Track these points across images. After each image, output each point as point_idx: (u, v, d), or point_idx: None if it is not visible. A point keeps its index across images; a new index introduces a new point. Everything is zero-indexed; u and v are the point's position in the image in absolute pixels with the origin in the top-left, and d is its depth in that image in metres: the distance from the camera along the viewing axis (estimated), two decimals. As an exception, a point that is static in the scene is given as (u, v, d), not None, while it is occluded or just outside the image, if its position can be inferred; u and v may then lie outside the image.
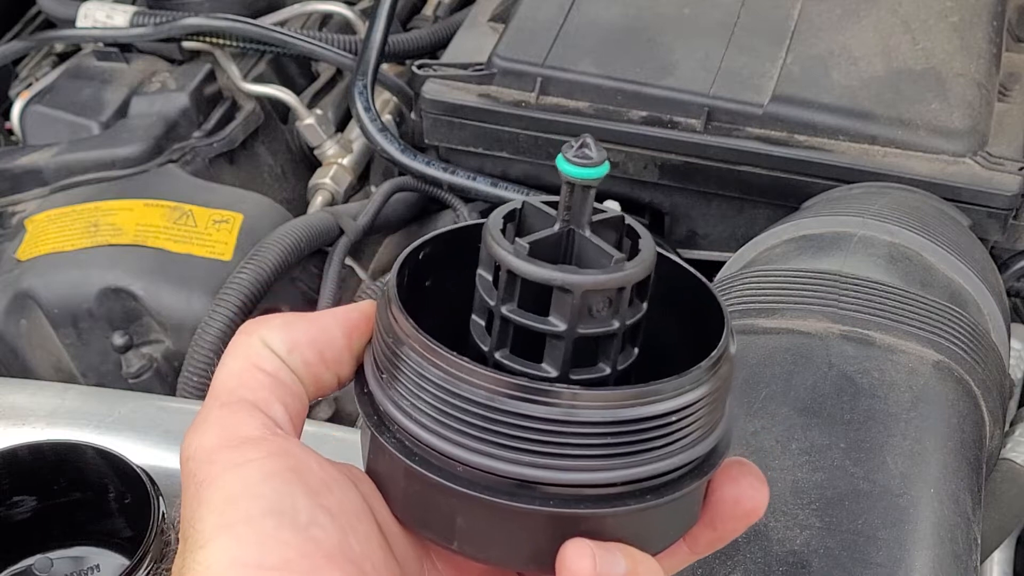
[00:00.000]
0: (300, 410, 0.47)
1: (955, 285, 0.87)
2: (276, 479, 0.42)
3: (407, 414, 0.44)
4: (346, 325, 0.48)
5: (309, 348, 0.47)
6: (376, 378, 0.46)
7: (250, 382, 0.46)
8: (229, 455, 0.43)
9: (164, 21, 1.31)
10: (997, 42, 1.14)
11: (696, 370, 0.44)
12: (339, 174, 1.32)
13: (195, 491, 0.43)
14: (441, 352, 0.42)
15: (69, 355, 1.16)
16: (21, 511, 0.82)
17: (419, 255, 0.48)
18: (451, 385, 0.42)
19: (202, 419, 0.46)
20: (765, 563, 0.65)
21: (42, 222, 1.18)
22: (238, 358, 0.47)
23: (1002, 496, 0.86)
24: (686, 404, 0.43)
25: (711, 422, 0.46)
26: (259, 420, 0.45)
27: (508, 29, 1.17)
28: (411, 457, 0.44)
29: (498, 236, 0.44)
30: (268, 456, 0.43)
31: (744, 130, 1.09)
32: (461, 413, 0.42)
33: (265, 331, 0.47)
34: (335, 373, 0.48)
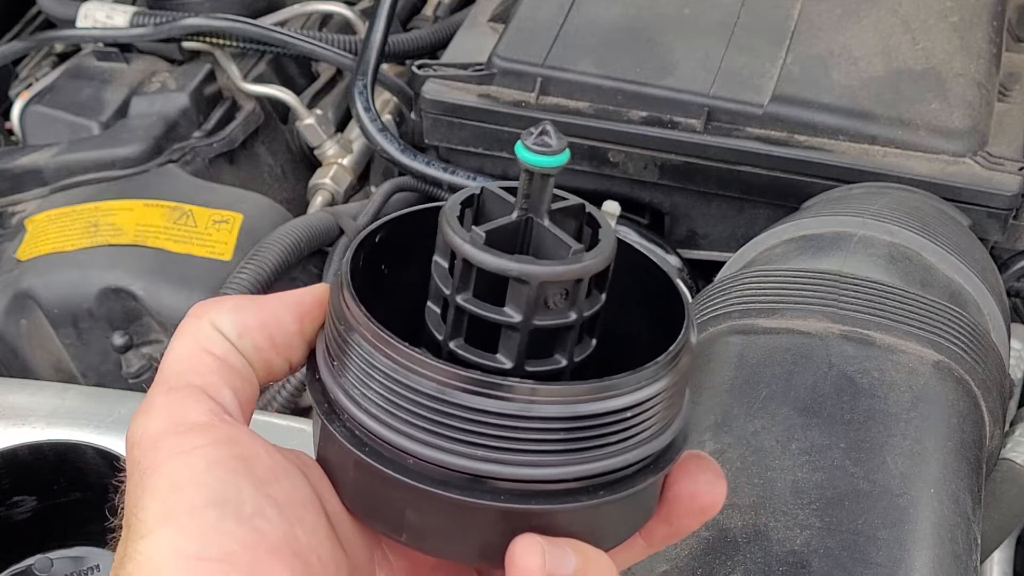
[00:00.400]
0: (250, 395, 0.46)
1: (955, 285, 0.87)
2: (221, 468, 0.41)
3: (357, 404, 0.43)
4: (298, 309, 0.47)
5: (259, 332, 0.46)
6: (327, 365, 0.45)
7: (199, 366, 0.45)
8: (174, 442, 0.42)
9: (164, 21, 1.31)
10: (997, 42, 1.14)
11: (653, 365, 0.43)
12: (339, 174, 1.32)
13: (139, 478, 0.42)
14: (392, 342, 0.41)
15: (69, 355, 1.16)
16: (21, 511, 0.82)
17: (375, 238, 0.47)
18: (402, 376, 0.41)
19: (148, 404, 0.45)
20: (765, 563, 0.65)
21: (42, 222, 1.18)
22: (187, 341, 0.46)
23: (1002, 496, 0.86)
24: (642, 400, 0.42)
25: (668, 417, 0.45)
26: (206, 406, 0.44)
27: (508, 29, 1.17)
28: (361, 448, 0.43)
29: (454, 223, 0.43)
30: (214, 443, 0.42)
31: (744, 130, 1.09)
32: (412, 405, 0.41)
33: (215, 314, 0.46)
34: (286, 358, 0.47)
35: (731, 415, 0.75)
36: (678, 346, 0.44)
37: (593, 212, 0.46)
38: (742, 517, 0.68)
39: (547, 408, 0.41)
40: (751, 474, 0.70)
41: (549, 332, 0.44)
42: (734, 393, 0.76)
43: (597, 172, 1.14)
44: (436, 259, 0.44)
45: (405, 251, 0.48)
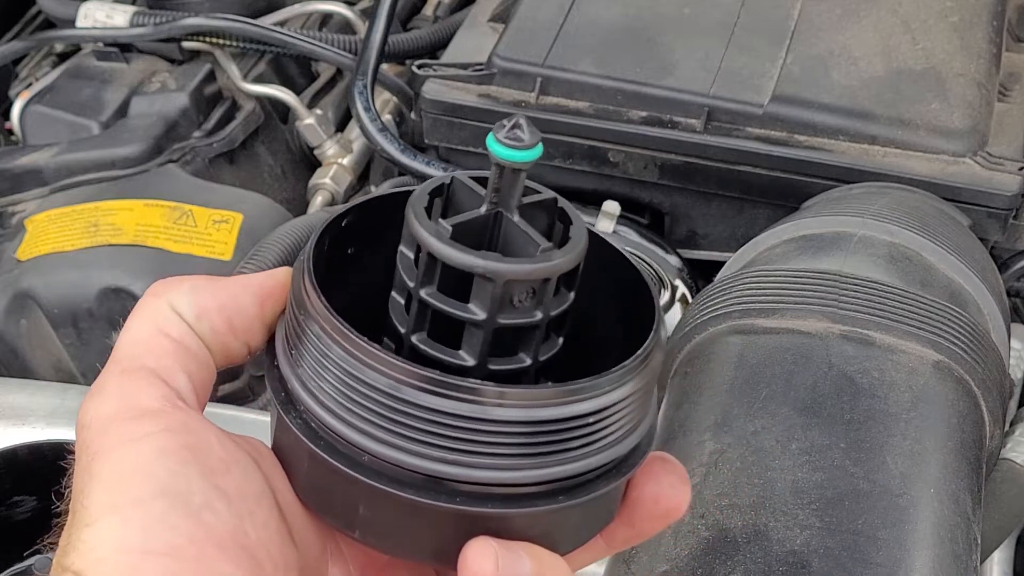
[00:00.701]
0: (206, 379, 0.45)
1: (955, 285, 0.87)
2: (171, 457, 0.40)
3: (314, 396, 0.42)
4: (259, 293, 0.46)
5: (218, 315, 0.45)
6: (286, 353, 0.44)
7: (154, 348, 0.44)
8: (125, 428, 0.41)
9: (164, 21, 1.31)
10: (997, 42, 1.14)
11: (619, 369, 0.41)
12: (339, 174, 1.32)
13: (87, 463, 0.41)
14: (351, 336, 0.40)
15: (69, 355, 1.16)
16: (21, 511, 0.82)
17: (342, 222, 0.46)
18: (359, 372, 0.40)
19: (101, 386, 0.44)
20: (765, 563, 0.65)
21: (42, 222, 1.18)
22: (144, 322, 0.45)
23: (1002, 496, 0.86)
24: (607, 405, 0.41)
25: (634, 420, 0.43)
26: (160, 391, 0.43)
27: (508, 29, 1.17)
28: (316, 441, 0.42)
29: (421, 215, 0.42)
30: (165, 431, 0.41)
31: (744, 130, 1.09)
32: (368, 401, 0.40)
33: (174, 294, 0.45)
34: (244, 342, 0.46)
35: (731, 415, 0.75)
36: (646, 349, 0.43)
37: (565, 207, 0.45)
38: (742, 517, 0.68)
39: (507, 412, 0.40)
40: (751, 474, 0.70)
41: (514, 330, 0.43)
42: (734, 393, 0.76)
43: (597, 172, 1.14)
44: (402, 249, 0.43)
45: (374, 235, 0.47)
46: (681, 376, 0.82)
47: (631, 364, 0.42)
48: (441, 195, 0.44)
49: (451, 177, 0.44)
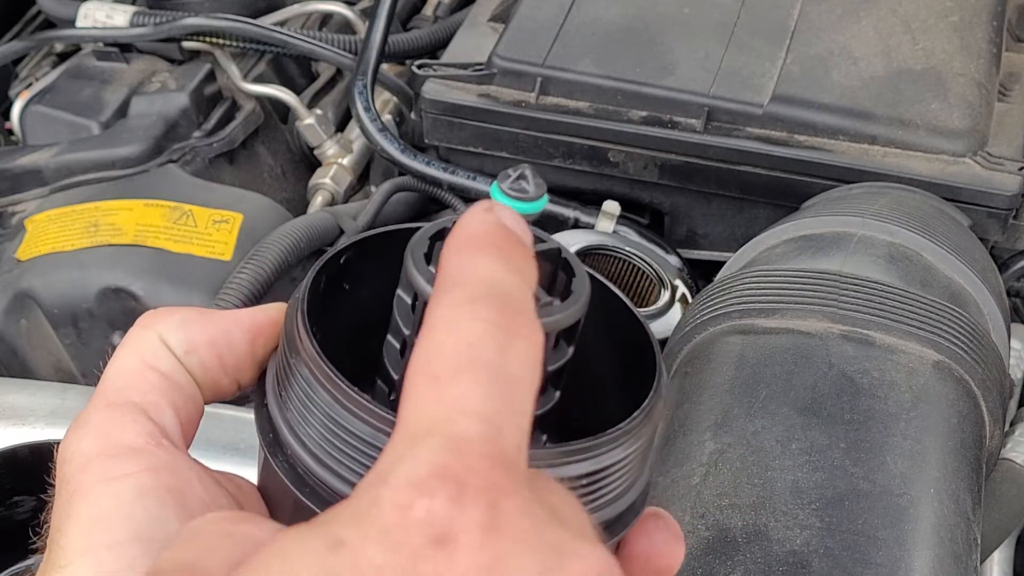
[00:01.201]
0: (193, 415, 0.44)
1: (955, 285, 0.87)
2: (150, 499, 0.39)
3: (301, 441, 0.41)
4: (251, 329, 0.44)
5: (208, 350, 0.44)
6: (275, 393, 0.43)
7: (141, 383, 0.43)
8: (105, 466, 0.40)
9: (164, 21, 1.31)
10: (997, 42, 1.14)
11: (615, 432, 0.40)
12: (339, 174, 1.32)
13: (66, 500, 0.40)
14: (341, 385, 0.39)
15: (69, 355, 1.16)
16: (21, 511, 0.82)
17: (340, 260, 0.45)
18: (348, 422, 0.39)
19: (84, 420, 0.42)
20: (765, 563, 0.65)
21: (42, 222, 1.18)
22: (131, 354, 0.44)
23: (1002, 496, 0.86)
24: (603, 467, 0.40)
25: (630, 480, 0.42)
26: (144, 427, 0.42)
27: (508, 29, 1.17)
28: (301, 488, 0.41)
29: (419, 262, 0.40)
30: (146, 471, 0.40)
31: (744, 130, 1.09)
32: (356, 452, 0.39)
33: (163, 327, 0.44)
34: (235, 379, 0.45)
35: (731, 415, 0.75)
36: (646, 408, 0.41)
37: (569, 258, 0.43)
38: (742, 517, 0.68)
39: None
40: (751, 474, 0.70)
41: None
42: (734, 393, 0.76)
43: (597, 172, 1.14)
44: (400, 293, 0.42)
45: (371, 272, 0.46)
46: (681, 376, 0.82)
47: (629, 425, 0.40)
48: (442, 239, 0.42)
49: (453, 221, 0.42)
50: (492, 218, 0.38)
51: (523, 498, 0.31)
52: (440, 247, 0.41)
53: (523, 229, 0.39)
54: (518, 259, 0.37)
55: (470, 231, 0.37)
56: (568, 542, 0.31)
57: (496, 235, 0.37)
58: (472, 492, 0.30)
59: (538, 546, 0.31)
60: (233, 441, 0.47)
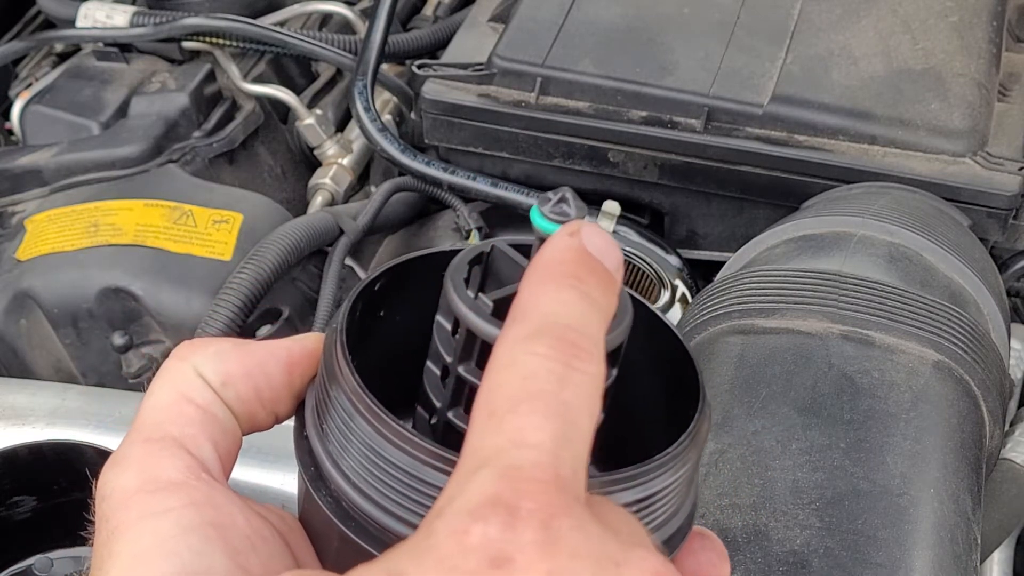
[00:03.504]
0: (231, 448, 0.43)
1: (955, 285, 0.87)
2: (194, 535, 0.39)
3: (345, 475, 0.40)
4: (287, 360, 0.44)
5: (244, 382, 0.43)
6: (315, 426, 0.42)
7: (178, 416, 0.42)
8: (146, 502, 0.39)
9: (164, 21, 1.31)
10: (997, 42, 1.14)
11: (664, 456, 0.40)
12: (339, 174, 1.32)
13: (107, 538, 0.39)
14: (385, 419, 0.39)
15: (69, 355, 1.16)
16: (21, 511, 0.83)
17: (375, 287, 0.45)
18: (393, 456, 0.39)
19: (123, 455, 0.42)
20: (765, 563, 0.65)
21: (42, 222, 1.18)
22: (168, 387, 0.43)
23: (1002, 496, 0.86)
24: (651, 493, 0.39)
25: (678, 503, 0.42)
26: (184, 461, 0.41)
27: (508, 29, 1.17)
28: (347, 522, 0.40)
29: (460, 288, 0.40)
30: (188, 506, 0.39)
31: (744, 130, 1.09)
32: (401, 486, 0.39)
33: (199, 359, 0.43)
34: (272, 411, 0.44)
35: (731, 415, 0.75)
36: (692, 431, 0.41)
37: None
38: (742, 517, 0.68)
39: None
40: (751, 474, 0.70)
41: None
42: (734, 393, 0.76)
43: (597, 172, 1.14)
44: (439, 319, 0.42)
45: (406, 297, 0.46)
46: (681, 376, 0.82)
47: (676, 450, 0.40)
48: (480, 263, 0.42)
49: (491, 246, 0.42)
50: (575, 243, 0.37)
51: (577, 517, 0.31)
52: (478, 272, 0.42)
53: (609, 251, 0.38)
54: (593, 287, 0.37)
55: (548, 259, 0.37)
56: (623, 551, 0.32)
57: (574, 263, 0.37)
58: (525, 514, 0.31)
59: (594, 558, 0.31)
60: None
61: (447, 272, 0.41)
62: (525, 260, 0.41)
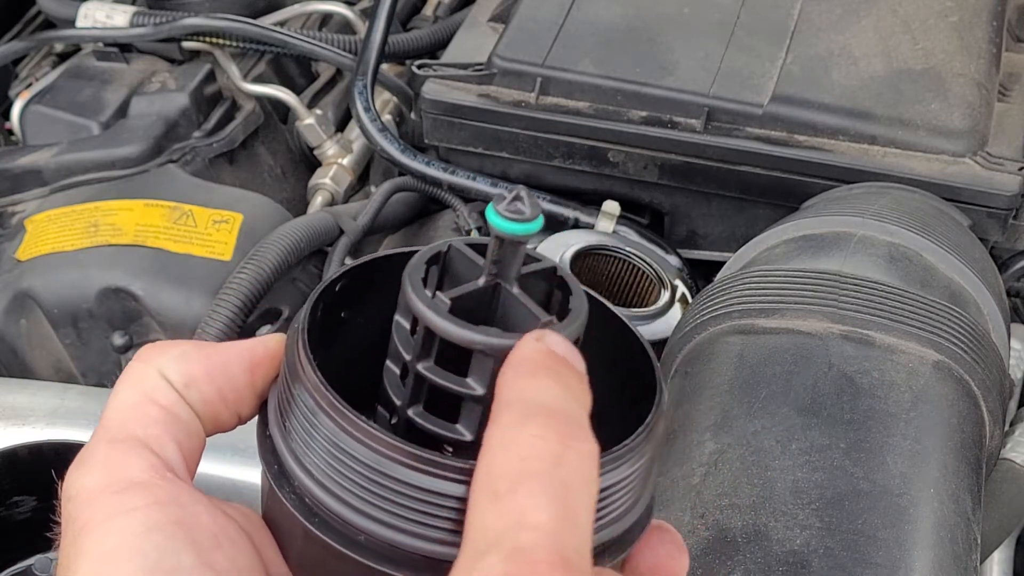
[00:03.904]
0: (195, 448, 0.44)
1: (955, 285, 0.87)
2: (160, 533, 0.39)
3: (308, 472, 0.41)
4: (250, 361, 0.45)
5: (207, 383, 0.44)
6: (278, 424, 0.42)
7: (143, 417, 0.43)
8: (112, 501, 0.40)
9: (164, 21, 1.31)
10: (997, 42, 1.14)
11: (620, 448, 0.40)
12: (339, 174, 1.32)
13: (73, 538, 0.40)
14: (348, 415, 0.39)
15: (69, 355, 1.16)
16: (21, 511, 0.83)
17: (335, 287, 0.45)
18: (356, 451, 0.39)
19: (88, 455, 0.42)
20: (765, 563, 0.65)
21: (42, 222, 1.18)
22: (132, 389, 0.44)
23: (1002, 496, 0.86)
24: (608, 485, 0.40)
25: (635, 497, 0.42)
26: (148, 461, 0.41)
27: (508, 29, 1.17)
28: (310, 518, 0.41)
29: (418, 287, 0.41)
30: (153, 505, 0.40)
31: (744, 130, 1.09)
32: (364, 480, 0.39)
33: (163, 361, 0.44)
34: (235, 411, 0.45)
35: (731, 415, 0.75)
36: (649, 424, 0.42)
37: (565, 276, 0.44)
38: (742, 517, 0.68)
39: None
40: (751, 474, 0.70)
41: None
42: (734, 393, 0.76)
43: (597, 172, 1.14)
44: (398, 319, 0.42)
45: (367, 298, 0.46)
46: (681, 376, 0.82)
47: (633, 443, 0.41)
48: (437, 263, 0.43)
49: (448, 245, 0.43)
50: (542, 347, 0.39)
51: None
52: (436, 270, 0.42)
53: (573, 354, 0.40)
54: (570, 381, 0.39)
55: (523, 357, 0.39)
56: None
57: (548, 360, 0.39)
58: None
59: None
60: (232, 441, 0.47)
61: (405, 271, 0.42)
62: (482, 259, 0.42)
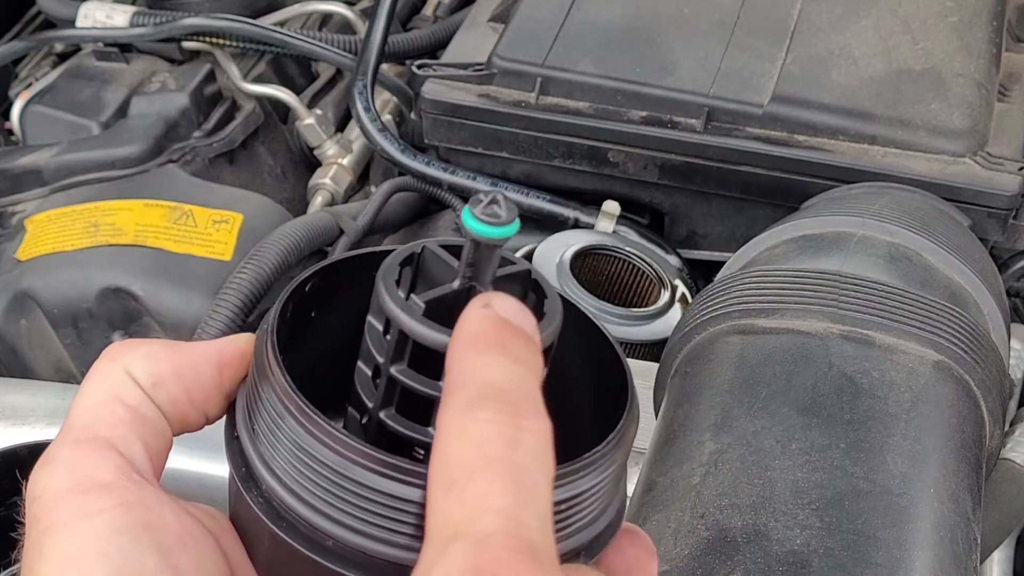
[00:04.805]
0: (162, 448, 0.43)
1: (955, 285, 0.87)
2: (125, 535, 0.39)
3: (276, 476, 0.40)
4: (218, 361, 0.44)
5: (175, 383, 0.44)
6: (246, 426, 0.42)
7: (109, 417, 0.42)
8: (77, 502, 0.40)
9: (164, 21, 1.31)
10: (997, 42, 1.14)
11: (591, 455, 0.40)
12: (339, 174, 1.32)
13: (37, 538, 0.40)
14: (318, 420, 0.39)
15: (69, 355, 1.16)
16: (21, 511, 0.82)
17: (305, 287, 0.45)
18: (323, 456, 0.39)
19: (53, 456, 0.42)
20: (765, 563, 0.65)
21: (42, 222, 1.18)
22: (98, 388, 0.43)
23: (1002, 496, 0.86)
24: (577, 492, 0.40)
25: (605, 502, 0.42)
26: (114, 462, 0.41)
27: (508, 29, 1.17)
28: (278, 522, 0.40)
29: (391, 288, 0.40)
30: (119, 507, 0.39)
31: (744, 130, 1.09)
32: (332, 486, 0.39)
33: (130, 360, 0.44)
34: (202, 411, 0.44)
35: (731, 415, 0.75)
36: (620, 431, 0.41)
37: (539, 279, 0.43)
38: (742, 517, 0.68)
39: None
40: (751, 474, 0.70)
41: None
42: (734, 393, 0.76)
43: (597, 172, 1.14)
44: (370, 320, 0.42)
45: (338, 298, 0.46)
46: (681, 376, 0.82)
47: (603, 450, 0.41)
48: (411, 264, 0.42)
49: (422, 247, 0.43)
50: (490, 313, 0.38)
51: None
52: (408, 273, 0.42)
53: (524, 317, 0.39)
54: (520, 350, 0.38)
55: (469, 331, 0.38)
56: None
57: (495, 330, 0.38)
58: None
59: None
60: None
61: (378, 273, 0.41)
62: (456, 261, 0.41)
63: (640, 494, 0.73)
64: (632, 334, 1.05)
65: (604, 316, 1.04)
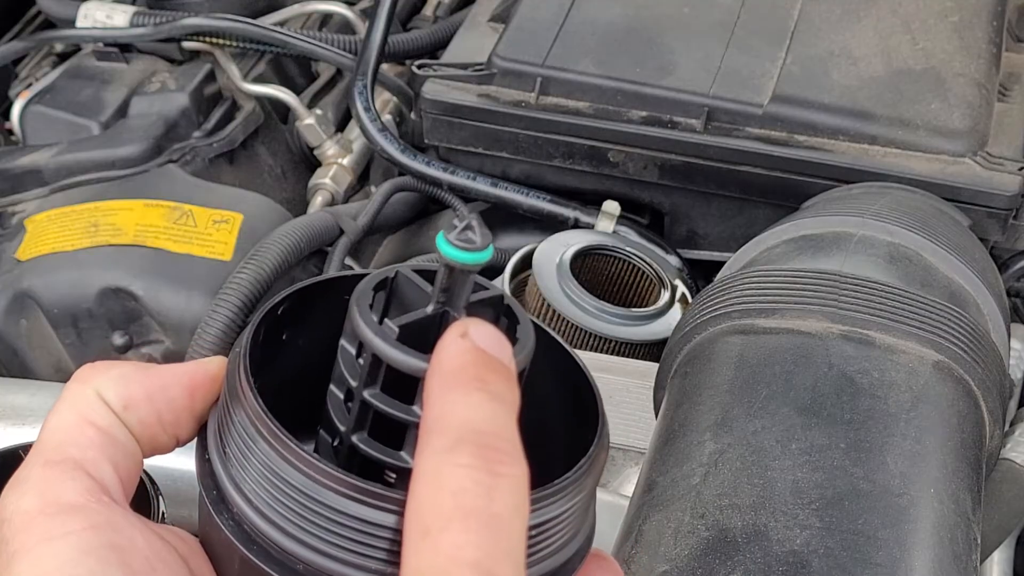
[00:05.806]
0: (133, 471, 0.44)
1: (955, 285, 0.87)
2: (93, 557, 0.39)
3: (247, 499, 0.40)
4: (190, 384, 0.44)
5: (146, 405, 0.44)
6: (218, 449, 0.42)
7: (79, 439, 0.42)
8: (46, 524, 0.40)
9: (164, 21, 1.31)
10: (997, 42, 1.14)
11: (560, 483, 0.40)
12: (339, 174, 1.32)
13: (7, 561, 0.39)
14: (290, 445, 0.39)
15: (69, 355, 1.16)
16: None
17: (278, 310, 0.45)
18: (294, 480, 0.39)
19: (23, 477, 0.42)
20: (765, 563, 0.65)
21: (42, 222, 1.18)
22: (70, 410, 0.43)
23: (1002, 496, 0.86)
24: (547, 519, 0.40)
25: (574, 529, 0.42)
26: (84, 484, 0.41)
27: (508, 29, 1.17)
28: (248, 546, 0.40)
29: (365, 313, 0.40)
30: (88, 529, 0.40)
31: (744, 130, 1.09)
32: (303, 510, 0.39)
33: (101, 382, 0.44)
34: (173, 435, 0.44)
35: (731, 415, 0.75)
36: (589, 458, 0.41)
37: (512, 306, 0.43)
38: (742, 517, 0.68)
39: None
40: (751, 474, 0.70)
41: None
42: (734, 393, 0.76)
43: (597, 172, 1.14)
44: (343, 343, 0.42)
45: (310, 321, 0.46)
46: (681, 376, 0.82)
47: (573, 476, 0.41)
48: (384, 288, 0.43)
49: (395, 271, 0.43)
50: (467, 345, 0.38)
51: None
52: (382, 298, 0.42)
53: (500, 346, 0.39)
54: (498, 385, 0.38)
55: (446, 366, 0.38)
56: None
57: (473, 365, 0.38)
58: None
59: None
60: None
61: (352, 297, 0.41)
62: (429, 286, 0.41)
63: (640, 494, 0.73)
64: (632, 334, 1.05)
65: (604, 316, 1.04)
